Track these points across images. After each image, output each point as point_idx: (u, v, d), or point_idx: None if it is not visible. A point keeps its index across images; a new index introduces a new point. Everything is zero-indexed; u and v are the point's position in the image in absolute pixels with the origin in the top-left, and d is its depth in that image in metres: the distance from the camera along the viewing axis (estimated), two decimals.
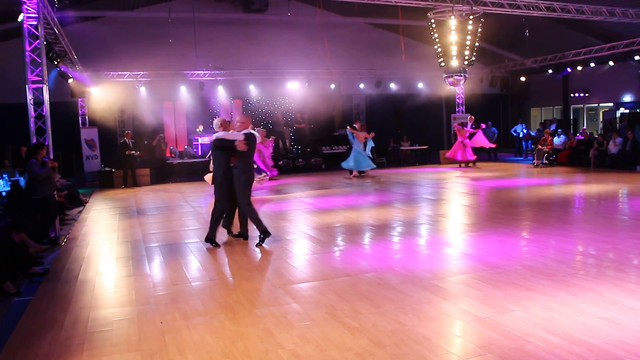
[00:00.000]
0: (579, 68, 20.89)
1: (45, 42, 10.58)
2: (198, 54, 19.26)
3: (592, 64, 20.35)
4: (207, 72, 19.77)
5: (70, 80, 15.34)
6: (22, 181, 9.54)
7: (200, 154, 19.74)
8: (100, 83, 18.08)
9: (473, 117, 19.45)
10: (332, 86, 21.59)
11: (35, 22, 10.11)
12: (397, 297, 5.10)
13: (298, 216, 9.93)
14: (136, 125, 19.49)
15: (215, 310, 4.93)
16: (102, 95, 17.88)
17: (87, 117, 18.30)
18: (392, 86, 22.87)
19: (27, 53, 10.11)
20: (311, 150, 20.30)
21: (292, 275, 6.04)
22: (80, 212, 11.53)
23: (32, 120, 10.21)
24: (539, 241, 7.21)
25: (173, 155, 18.88)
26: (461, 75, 19.66)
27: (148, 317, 4.84)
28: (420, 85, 23.15)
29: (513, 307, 4.66)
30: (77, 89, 15.87)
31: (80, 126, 17.94)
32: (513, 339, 4.01)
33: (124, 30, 19.13)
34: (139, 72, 18.87)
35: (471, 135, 18.76)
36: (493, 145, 20.11)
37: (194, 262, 6.84)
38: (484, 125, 19.62)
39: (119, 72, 18.61)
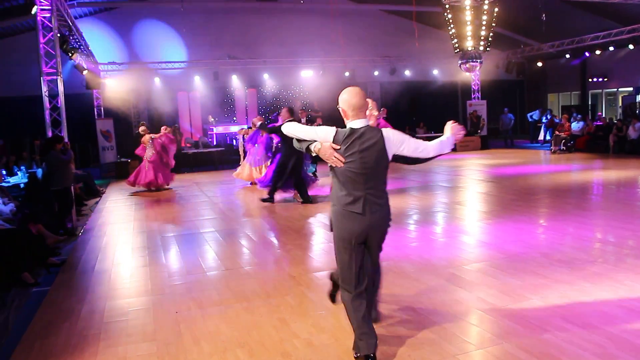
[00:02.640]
0: (598, 52, 20.48)
1: (59, 34, 10.64)
2: (212, 44, 19.26)
3: (611, 48, 19.93)
4: (221, 61, 19.75)
5: (84, 72, 15.42)
6: (39, 173, 9.64)
7: (214, 143, 19.83)
8: (115, 74, 18.17)
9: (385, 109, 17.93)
10: (347, 74, 21.46)
11: (48, 15, 10.18)
12: (413, 285, 5.05)
13: (313, 204, 9.89)
14: (151, 115, 19.61)
15: (230, 300, 4.93)
16: (117, 86, 17.98)
17: (102, 109, 18.42)
18: (407, 73, 22.66)
19: (41, 45, 10.18)
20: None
21: (307, 264, 6.02)
22: (96, 202, 11.62)
23: (47, 112, 10.31)
24: (557, 229, 7.10)
25: (189, 145, 18.95)
26: (477, 61, 19.44)
27: (164, 307, 4.86)
28: (435, 71, 22.91)
29: (531, 296, 4.60)
30: (92, 80, 15.95)
31: (96, 117, 18.07)
32: (531, 328, 3.95)
33: (138, 21, 19.20)
34: (153, 63, 18.91)
35: None
36: None
37: (210, 252, 6.85)
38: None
39: (134, 63, 18.67)
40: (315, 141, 3.59)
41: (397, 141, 3.59)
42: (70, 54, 13.37)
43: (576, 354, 3.53)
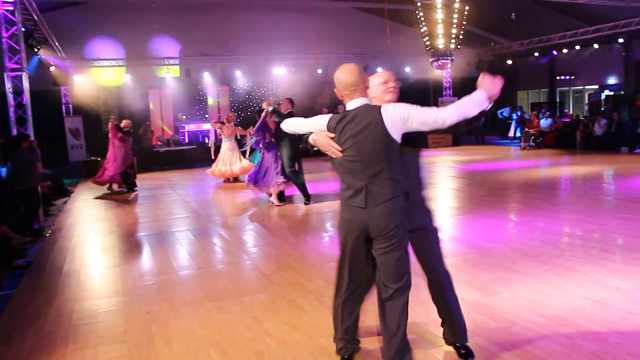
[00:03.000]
0: (565, 51, 20.90)
1: (23, 29, 10.34)
2: (184, 40, 19.02)
3: (578, 47, 20.36)
4: (193, 58, 19.52)
5: (52, 68, 15.06)
6: (3, 172, 9.38)
7: (186, 141, 19.62)
8: (84, 70, 17.78)
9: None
10: (319, 71, 21.44)
11: (11, 7, 9.86)
12: None
13: (286, 201, 9.85)
14: (122, 113, 19.26)
15: (202, 299, 4.88)
16: (86, 83, 17.61)
17: (70, 106, 18.02)
18: (379, 70, 22.73)
19: (3, 40, 9.88)
20: (298, 136, 20.19)
21: (280, 262, 5.99)
22: (65, 202, 11.37)
23: (11, 109, 10.04)
24: (526, 223, 7.23)
25: (160, 143, 18.69)
26: (448, 59, 19.69)
27: (134, 307, 4.78)
28: (407, 69, 23.07)
29: (500, 290, 4.67)
30: (60, 76, 15.59)
31: (64, 115, 17.67)
32: (500, 321, 4.01)
33: (108, 16, 18.81)
34: (123, 59, 18.58)
35: None
36: None
37: (181, 251, 6.77)
38: None
39: (103, 59, 18.31)
40: (312, 133, 3.21)
41: (401, 118, 3.02)
42: (36, 49, 13.03)
43: (545, 345, 3.59)
